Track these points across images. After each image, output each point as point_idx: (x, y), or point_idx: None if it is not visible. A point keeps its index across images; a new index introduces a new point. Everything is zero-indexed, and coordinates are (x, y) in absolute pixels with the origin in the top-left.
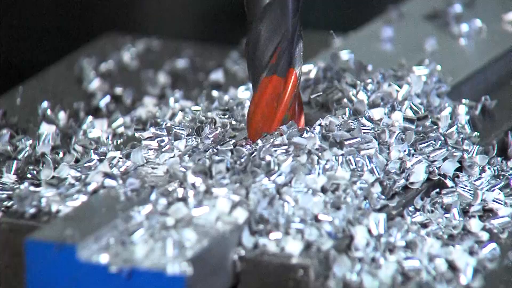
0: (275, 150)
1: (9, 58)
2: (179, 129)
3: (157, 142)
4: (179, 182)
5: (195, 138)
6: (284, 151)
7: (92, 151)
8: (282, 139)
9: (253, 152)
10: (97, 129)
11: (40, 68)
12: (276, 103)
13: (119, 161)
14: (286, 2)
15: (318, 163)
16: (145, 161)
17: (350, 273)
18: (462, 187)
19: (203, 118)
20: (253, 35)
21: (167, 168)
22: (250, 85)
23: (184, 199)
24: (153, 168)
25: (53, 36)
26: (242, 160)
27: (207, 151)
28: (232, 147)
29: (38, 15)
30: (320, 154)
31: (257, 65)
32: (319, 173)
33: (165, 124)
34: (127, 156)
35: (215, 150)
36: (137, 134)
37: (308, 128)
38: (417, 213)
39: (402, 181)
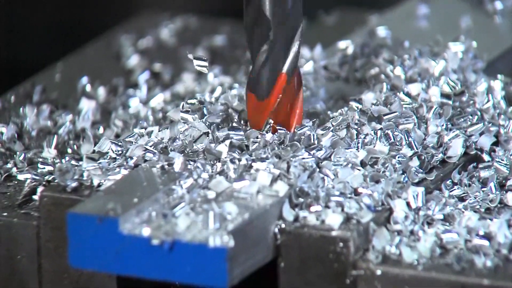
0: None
1: (49, 34)
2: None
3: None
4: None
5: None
6: None
7: (132, 126)
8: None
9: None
10: (137, 104)
11: (79, 44)
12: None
13: (157, 135)
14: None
15: (357, 137)
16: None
17: (389, 245)
18: (498, 161)
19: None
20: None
21: (205, 145)
22: None
23: (224, 173)
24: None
25: (91, 13)
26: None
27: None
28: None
29: None
30: (359, 128)
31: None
32: (358, 147)
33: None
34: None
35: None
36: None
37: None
38: (455, 187)
39: (440, 155)
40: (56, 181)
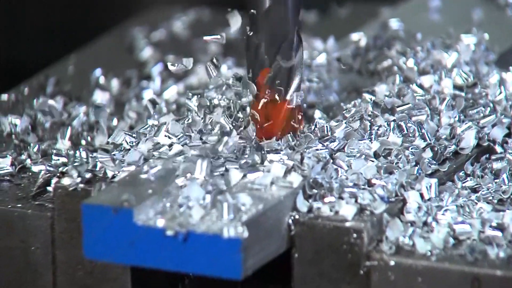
0: None
1: (60, 26)
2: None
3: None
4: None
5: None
6: None
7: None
8: None
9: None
10: (149, 96)
11: (91, 37)
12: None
13: (168, 128)
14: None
15: (371, 129)
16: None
17: (403, 236)
18: (511, 153)
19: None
20: (255, 36)
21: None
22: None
23: (238, 164)
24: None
25: (104, 6)
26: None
27: None
28: None
29: None
30: (372, 120)
31: (259, 65)
32: (371, 139)
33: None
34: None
35: None
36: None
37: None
38: (467, 178)
39: (453, 147)
40: (70, 170)
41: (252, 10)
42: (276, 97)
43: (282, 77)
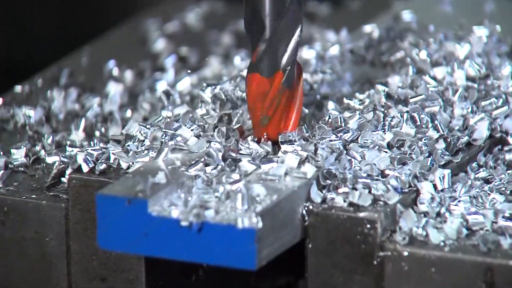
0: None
1: (74, 19)
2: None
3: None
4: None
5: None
6: None
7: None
8: None
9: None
10: (162, 87)
11: (104, 29)
12: (261, 102)
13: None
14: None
15: (384, 120)
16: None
17: (416, 227)
18: None
19: None
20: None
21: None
22: None
23: (252, 156)
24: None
25: None
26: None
27: None
28: None
29: None
30: (385, 111)
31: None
32: (385, 130)
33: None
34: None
35: None
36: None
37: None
38: (480, 169)
39: (465, 138)
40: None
41: None
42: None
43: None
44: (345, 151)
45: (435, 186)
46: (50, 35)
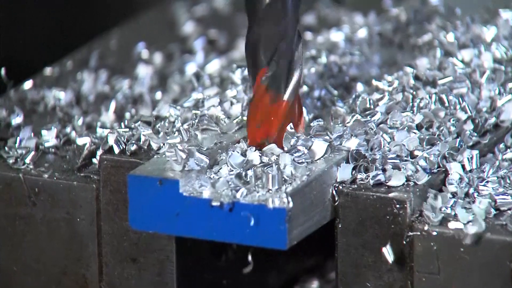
0: None
1: (102, 3)
2: None
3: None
4: None
5: None
6: None
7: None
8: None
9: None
10: (192, 69)
11: (134, 12)
12: (271, 115)
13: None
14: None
15: (413, 101)
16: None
17: (445, 207)
18: None
19: None
20: (253, 35)
21: None
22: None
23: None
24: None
25: None
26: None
27: None
28: None
29: None
30: (414, 92)
31: (257, 65)
32: (413, 111)
33: None
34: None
35: None
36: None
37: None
38: (508, 150)
39: (493, 119)
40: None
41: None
42: (272, 97)
43: (281, 74)
44: (374, 132)
45: (463, 167)
46: (79, 18)
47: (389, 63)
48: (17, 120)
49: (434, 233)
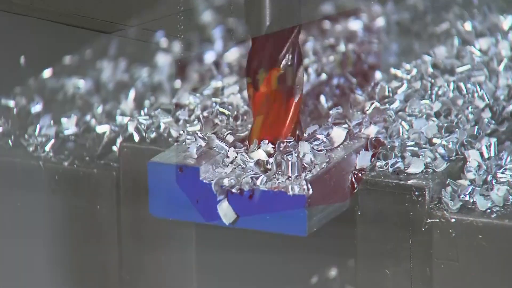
0: None
1: None
2: None
3: None
4: None
5: None
6: None
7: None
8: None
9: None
10: (211, 58)
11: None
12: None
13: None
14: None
15: (431, 89)
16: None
17: (463, 194)
18: None
19: None
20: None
21: None
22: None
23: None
24: None
25: None
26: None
27: None
28: None
29: None
30: (432, 80)
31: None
32: (432, 99)
33: None
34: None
35: None
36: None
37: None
38: None
39: (511, 107)
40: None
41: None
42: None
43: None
44: (393, 120)
45: (481, 154)
46: (97, 6)
47: (407, 52)
48: (36, 108)
49: (453, 220)
